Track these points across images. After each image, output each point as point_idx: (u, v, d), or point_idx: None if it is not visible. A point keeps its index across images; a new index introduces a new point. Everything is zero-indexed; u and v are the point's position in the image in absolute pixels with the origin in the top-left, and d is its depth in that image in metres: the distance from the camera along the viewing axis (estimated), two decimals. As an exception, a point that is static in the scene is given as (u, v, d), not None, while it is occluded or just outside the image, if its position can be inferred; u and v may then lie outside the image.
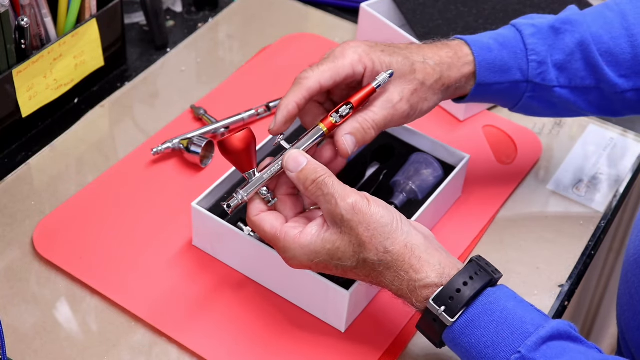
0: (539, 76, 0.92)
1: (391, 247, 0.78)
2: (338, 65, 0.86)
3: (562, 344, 0.75)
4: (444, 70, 0.90)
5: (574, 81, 0.93)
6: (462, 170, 1.01)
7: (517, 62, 0.92)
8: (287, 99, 0.85)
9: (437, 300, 0.77)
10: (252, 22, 1.30)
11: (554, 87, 0.93)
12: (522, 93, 0.94)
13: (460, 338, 0.77)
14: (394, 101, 0.87)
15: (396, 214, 0.80)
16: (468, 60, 0.91)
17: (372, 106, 0.86)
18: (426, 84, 0.88)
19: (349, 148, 0.85)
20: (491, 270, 0.79)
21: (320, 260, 0.81)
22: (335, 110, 0.85)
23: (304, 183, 0.80)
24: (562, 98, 0.94)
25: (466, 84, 0.92)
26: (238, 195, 0.83)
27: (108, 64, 1.17)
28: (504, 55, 0.92)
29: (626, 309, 0.88)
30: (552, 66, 0.92)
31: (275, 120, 0.85)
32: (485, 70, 0.91)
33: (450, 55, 0.91)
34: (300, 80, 0.85)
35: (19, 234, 0.97)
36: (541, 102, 0.95)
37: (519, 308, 0.77)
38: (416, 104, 0.88)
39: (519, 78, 0.93)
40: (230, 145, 0.82)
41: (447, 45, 0.92)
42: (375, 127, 0.86)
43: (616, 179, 1.09)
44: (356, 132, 0.85)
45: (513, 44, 0.92)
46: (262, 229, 0.82)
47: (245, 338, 0.89)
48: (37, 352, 0.87)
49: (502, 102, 0.97)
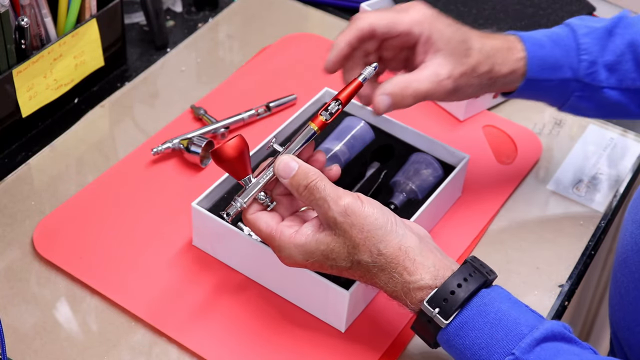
0: (589, 76, 0.92)
1: (385, 250, 0.78)
2: (397, 17, 0.85)
3: (556, 345, 0.75)
4: (496, 64, 0.90)
5: (624, 82, 0.93)
6: (462, 170, 1.01)
7: (569, 60, 0.92)
8: (339, 37, 0.85)
9: (431, 302, 0.77)
10: (252, 22, 1.30)
11: (604, 87, 0.93)
12: (571, 92, 0.94)
13: (455, 340, 0.77)
14: (442, 76, 0.86)
15: (391, 216, 0.80)
16: (520, 56, 0.91)
17: (420, 74, 0.85)
18: (476, 71, 0.88)
19: (383, 108, 0.85)
20: (486, 272, 0.79)
21: (315, 260, 0.81)
22: (325, 108, 0.85)
23: (297, 189, 0.80)
24: (612, 99, 0.94)
25: (515, 80, 0.92)
26: (236, 203, 0.83)
27: (108, 64, 1.17)
28: (555, 52, 0.92)
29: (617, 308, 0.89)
30: (602, 66, 0.92)
31: (328, 59, 0.85)
32: (536, 66, 0.91)
33: (504, 48, 0.91)
34: (355, 21, 0.85)
35: (19, 234, 0.97)
36: (590, 102, 0.94)
37: (514, 309, 0.77)
38: (461, 86, 0.88)
39: (569, 76, 0.92)
40: (224, 153, 0.81)
41: (503, 38, 0.92)
42: (415, 95, 0.86)
43: (616, 179, 1.09)
44: (395, 94, 0.85)
45: (565, 42, 0.92)
46: (257, 228, 0.82)
47: (246, 338, 0.89)
48: (37, 352, 0.87)
49: (550, 100, 0.96)
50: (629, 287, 0.84)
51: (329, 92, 1.08)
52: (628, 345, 0.87)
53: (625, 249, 0.86)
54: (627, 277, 0.85)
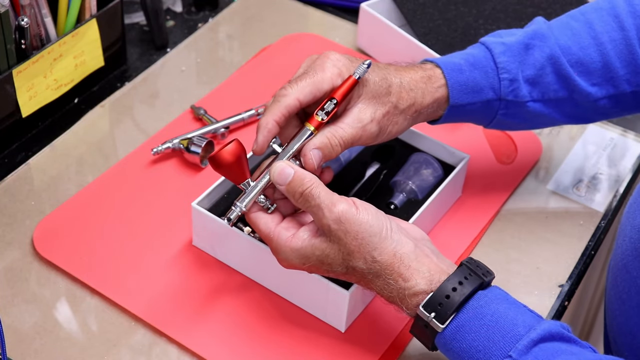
0: (511, 93, 0.92)
1: (379, 257, 0.78)
2: (317, 80, 0.84)
3: (554, 345, 0.74)
4: (417, 97, 0.89)
5: (546, 94, 0.93)
6: (462, 170, 1.01)
7: (489, 82, 0.92)
8: (266, 117, 0.84)
9: (426, 307, 0.77)
10: (252, 22, 1.29)
11: (527, 102, 0.93)
12: (496, 111, 0.94)
13: (452, 343, 0.77)
14: (365, 122, 0.86)
15: (386, 222, 0.80)
16: (440, 83, 0.91)
17: (342, 122, 0.85)
18: (399, 108, 0.88)
19: (315, 162, 0.84)
20: (482, 273, 0.78)
21: (311, 264, 0.81)
22: (320, 108, 0.85)
23: (292, 195, 0.81)
24: (536, 112, 0.94)
25: (438, 108, 0.92)
26: (236, 207, 0.83)
27: (108, 64, 1.17)
28: (475, 75, 0.92)
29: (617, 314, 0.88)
30: (523, 82, 0.92)
31: (256, 141, 0.85)
32: (457, 92, 0.91)
33: (424, 79, 0.90)
34: (279, 98, 0.84)
35: (19, 234, 0.97)
36: (515, 118, 0.95)
37: (511, 310, 0.77)
38: (386, 126, 0.88)
39: (492, 97, 0.92)
40: (221, 159, 0.81)
41: (421, 68, 0.91)
42: (342, 144, 0.85)
43: (616, 179, 1.09)
44: (324, 147, 0.84)
45: (484, 63, 0.92)
46: (257, 227, 0.83)
47: (246, 338, 0.89)
48: (37, 352, 0.87)
49: (476, 121, 0.96)
50: (631, 292, 0.84)
51: None
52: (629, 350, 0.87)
53: (624, 254, 0.85)
54: (628, 283, 0.85)
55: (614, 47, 0.92)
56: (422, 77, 0.90)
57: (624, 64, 0.92)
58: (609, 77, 0.92)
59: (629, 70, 0.92)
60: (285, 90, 0.84)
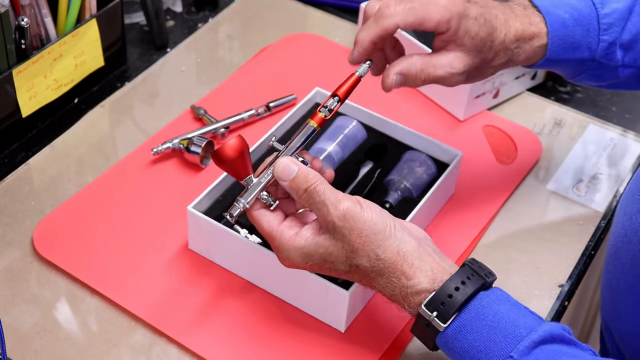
0: (605, 57, 0.92)
1: (383, 255, 0.78)
2: (425, 15, 0.83)
3: (555, 347, 0.74)
4: (514, 55, 0.89)
5: (638, 61, 0.92)
6: (456, 167, 1.01)
7: (588, 41, 0.91)
8: (363, 34, 0.84)
9: (429, 305, 0.77)
10: (252, 22, 1.29)
11: (619, 66, 0.92)
12: (586, 69, 0.93)
13: (453, 343, 0.77)
14: (456, 70, 0.86)
15: (390, 220, 0.80)
16: (542, 43, 0.89)
17: (436, 60, 0.85)
18: (492, 64, 0.88)
19: (395, 85, 0.84)
20: (484, 274, 0.78)
21: (313, 263, 0.81)
22: (323, 105, 0.85)
23: (296, 192, 0.80)
24: (623, 76, 0.93)
25: (532, 59, 0.91)
26: (239, 204, 0.82)
27: (108, 64, 1.17)
28: (576, 32, 0.90)
29: (608, 299, 0.89)
30: (619, 46, 0.92)
31: (352, 54, 0.85)
32: (556, 48, 0.90)
33: (527, 37, 0.89)
34: (380, 19, 0.83)
35: (19, 234, 0.97)
36: (601, 79, 0.94)
37: (512, 311, 0.77)
38: (474, 75, 0.88)
39: (587, 56, 0.92)
40: (224, 154, 0.81)
41: (529, 21, 0.89)
42: (427, 79, 0.85)
43: (616, 179, 1.09)
44: (409, 75, 0.85)
45: (587, 21, 0.91)
46: (259, 225, 0.83)
47: (246, 338, 0.89)
48: (37, 352, 0.87)
49: (562, 72, 0.96)
50: (620, 278, 0.84)
51: (320, 91, 1.08)
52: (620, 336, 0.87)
53: (616, 240, 0.86)
54: (618, 269, 0.85)
55: None
56: (527, 35, 0.89)
57: None
58: None
59: None
60: (389, 10, 0.83)
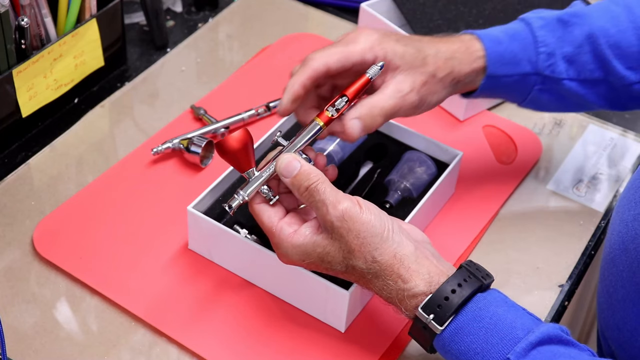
0: (548, 68, 0.92)
1: (379, 258, 0.78)
2: (348, 50, 0.85)
3: (552, 348, 0.74)
4: (455, 65, 0.90)
5: (582, 74, 0.93)
6: (456, 167, 1.01)
7: (527, 54, 0.92)
8: (293, 79, 0.85)
9: (425, 308, 0.77)
10: (252, 22, 1.29)
11: (563, 79, 0.93)
12: (532, 86, 0.94)
13: (450, 345, 0.77)
14: (404, 91, 0.86)
15: (388, 223, 0.80)
16: (479, 54, 0.91)
17: (382, 93, 0.86)
18: (437, 77, 0.88)
19: (355, 132, 0.84)
20: (481, 276, 0.78)
21: (311, 261, 0.81)
22: (331, 104, 0.85)
23: (297, 189, 0.81)
24: (571, 91, 0.94)
25: (476, 78, 0.92)
26: (239, 195, 0.83)
27: (108, 64, 1.17)
28: (513, 47, 0.92)
29: (605, 307, 0.89)
30: (561, 58, 0.92)
31: (281, 101, 0.85)
32: (495, 62, 0.91)
33: (462, 49, 0.91)
34: (308, 61, 0.85)
35: (19, 234, 0.97)
36: (551, 95, 0.95)
37: (510, 313, 0.76)
38: (425, 96, 0.88)
39: (529, 70, 0.93)
40: (227, 145, 0.82)
41: (459, 39, 0.92)
42: (383, 114, 0.86)
43: (616, 179, 1.09)
44: (364, 117, 0.85)
45: (522, 36, 0.93)
46: (260, 220, 0.83)
47: (246, 338, 0.89)
48: (37, 352, 0.87)
49: (511, 97, 0.97)
50: (617, 285, 0.84)
51: None
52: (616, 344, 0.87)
53: (612, 248, 0.86)
54: (615, 276, 0.85)
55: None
56: (459, 47, 0.91)
57: None
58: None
59: None
60: (314, 55, 0.85)
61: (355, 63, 0.85)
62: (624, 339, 0.85)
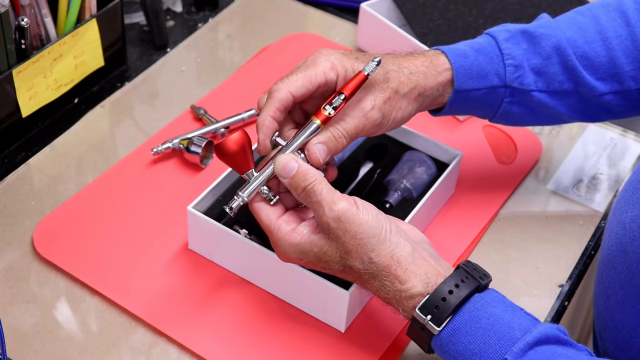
0: (516, 80, 0.92)
1: (376, 259, 0.78)
2: (310, 74, 0.84)
3: (550, 348, 0.74)
4: (419, 79, 0.89)
5: (552, 85, 0.93)
6: (456, 167, 1.01)
7: (494, 67, 0.92)
8: (262, 115, 0.84)
9: (423, 309, 0.77)
10: (252, 22, 1.30)
11: (532, 91, 0.92)
12: (501, 99, 0.93)
13: (448, 346, 0.77)
14: (366, 110, 0.85)
15: (386, 224, 0.80)
16: (445, 67, 0.90)
17: (344, 115, 0.85)
18: (400, 92, 0.87)
19: (320, 157, 0.84)
20: (479, 276, 0.78)
21: (308, 260, 0.82)
22: (329, 102, 0.84)
23: (295, 189, 0.81)
24: (541, 102, 0.93)
25: (444, 92, 0.91)
26: (239, 197, 0.83)
27: (108, 64, 1.17)
28: (480, 60, 0.91)
29: (603, 309, 0.89)
30: (529, 70, 0.92)
31: (257, 141, 0.85)
32: (462, 76, 0.91)
33: (426, 64, 0.90)
34: (272, 93, 0.84)
35: (19, 234, 0.97)
36: (520, 107, 0.94)
37: (507, 313, 0.76)
38: (389, 112, 0.87)
39: (497, 83, 0.92)
40: (226, 148, 0.82)
41: (423, 54, 0.91)
42: (346, 135, 0.85)
43: (616, 179, 1.09)
44: (328, 141, 0.84)
45: (489, 50, 0.92)
46: (259, 218, 0.83)
47: (246, 338, 0.89)
48: (37, 352, 0.87)
49: (481, 112, 0.96)
50: (615, 287, 0.84)
51: None
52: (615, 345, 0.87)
53: (610, 250, 0.86)
54: (613, 278, 0.85)
55: (620, 42, 0.92)
56: (423, 62, 0.90)
57: (630, 60, 0.92)
58: (614, 73, 0.92)
59: (634, 67, 0.92)
60: (277, 85, 0.85)
61: (319, 85, 0.85)
62: (623, 340, 0.85)
